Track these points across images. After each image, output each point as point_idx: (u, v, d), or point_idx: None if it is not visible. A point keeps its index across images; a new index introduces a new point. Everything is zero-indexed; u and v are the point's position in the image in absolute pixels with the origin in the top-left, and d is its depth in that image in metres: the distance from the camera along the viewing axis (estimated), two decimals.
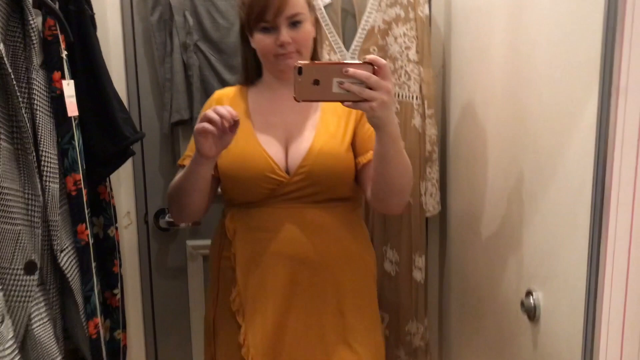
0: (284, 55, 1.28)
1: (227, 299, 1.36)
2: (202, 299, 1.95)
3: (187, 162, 1.35)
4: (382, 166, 1.19)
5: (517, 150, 1.29)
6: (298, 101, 1.04)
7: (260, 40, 1.29)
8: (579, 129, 0.99)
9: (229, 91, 1.44)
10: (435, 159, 1.82)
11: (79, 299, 1.21)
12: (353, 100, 1.02)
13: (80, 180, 1.22)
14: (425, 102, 1.77)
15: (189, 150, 1.39)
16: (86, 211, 1.24)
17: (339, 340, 1.32)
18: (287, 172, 1.30)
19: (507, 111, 1.34)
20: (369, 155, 1.28)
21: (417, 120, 1.77)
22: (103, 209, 1.52)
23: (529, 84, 1.21)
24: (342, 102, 1.03)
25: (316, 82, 1.01)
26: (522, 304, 1.20)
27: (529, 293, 1.20)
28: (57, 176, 1.14)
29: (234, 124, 1.16)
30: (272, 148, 1.31)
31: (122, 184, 1.84)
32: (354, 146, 1.33)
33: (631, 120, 0.75)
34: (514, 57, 1.29)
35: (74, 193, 1.20)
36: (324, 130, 1.32)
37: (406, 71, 1.75)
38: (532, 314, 1.19)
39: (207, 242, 1.55)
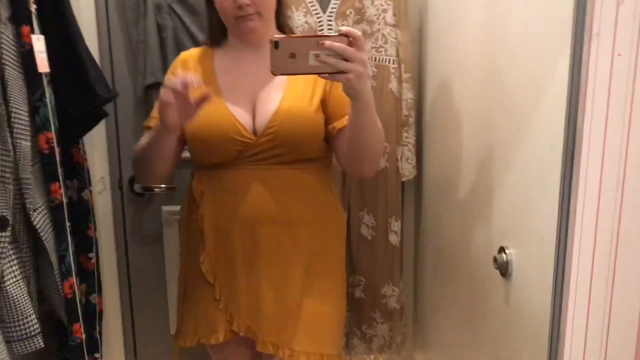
0: (243, 17, 1.26)
1: (197, 260, 1.36)
2: (178, 264, 1.94)
3: (152, 124, 1.34)
4: (357, 133, 1.21)
5: (491, 111, 1.30)
6: (275, 75, 1.05)
7: (220, 2, 1.27)
8: (551, 86, 1.00)
9: (195, 53, 1.41)
10: (412, 123, 1.83)
11: (53, 259, 1.20)
12: (330, 72, 1.04)
13: (52, 138, 1.20)
14: (402, 66, 1.77)
15: (155, 111, 1.38)
16: (59, 170, 1.23)
17: (304, 296, 1.34)
18: (255, 133, 1.29)
19: (483, 73, 1.34)
20: (344, 120, 1.28)
21: (393, 84, 1.77)
22: (77, 171, 1.50)
23: (504, 44, 1.22)
24: (318, 74, 1.05)
25: (292, 56, 1.02)
26: (495, 260, 1.23)
27: (501, 250, 1.22)
28: (28, 133, 1.12)
29: (202, 99, 1.15)
30: (238, 109, 1.30)
31: (96, 148, 1.81)
32: (328, 110, 1.33)
33: (602, 66, 0.76)
34: (490, 18, 1.29)
35: (46, 151, 1.19)
36: (291, 91, 1.31)
37: (383, 34, 1.74)
38: (504, 270, 1.21)
39: None
